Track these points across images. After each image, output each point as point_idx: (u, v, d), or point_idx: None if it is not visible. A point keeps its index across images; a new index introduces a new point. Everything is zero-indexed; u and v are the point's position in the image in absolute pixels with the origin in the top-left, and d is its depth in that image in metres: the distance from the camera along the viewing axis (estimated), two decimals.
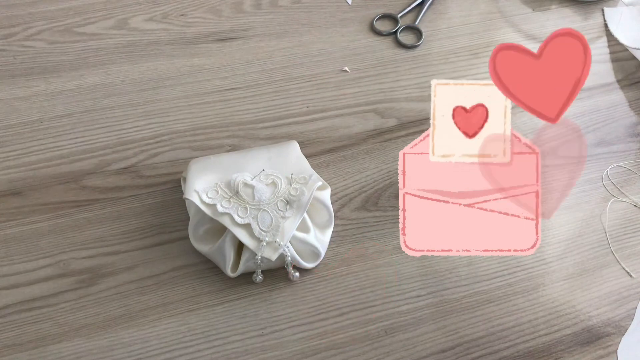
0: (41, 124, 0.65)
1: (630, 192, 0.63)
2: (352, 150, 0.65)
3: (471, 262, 0.57)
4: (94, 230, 0.58)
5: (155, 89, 0.68)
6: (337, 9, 0.77)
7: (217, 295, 0.55)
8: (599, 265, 0.58)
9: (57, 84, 0.68)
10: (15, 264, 0.55)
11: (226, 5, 0.77)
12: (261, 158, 0.56)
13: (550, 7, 0.80)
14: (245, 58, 0.72)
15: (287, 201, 0.53)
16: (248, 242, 0.52)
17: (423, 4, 0.78)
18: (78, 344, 0.52)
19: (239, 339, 0.52)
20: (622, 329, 0.54)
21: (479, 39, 0.75)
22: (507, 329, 0.54)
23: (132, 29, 0.73)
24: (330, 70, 0.71)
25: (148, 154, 0.63)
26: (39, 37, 0.72)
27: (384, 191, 0.62)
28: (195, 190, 0.53)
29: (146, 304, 0.54)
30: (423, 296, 0.55)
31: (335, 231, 0.58)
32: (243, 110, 0.67)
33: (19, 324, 0.52)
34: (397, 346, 0.53)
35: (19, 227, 0.58)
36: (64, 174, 0.61)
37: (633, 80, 0.73)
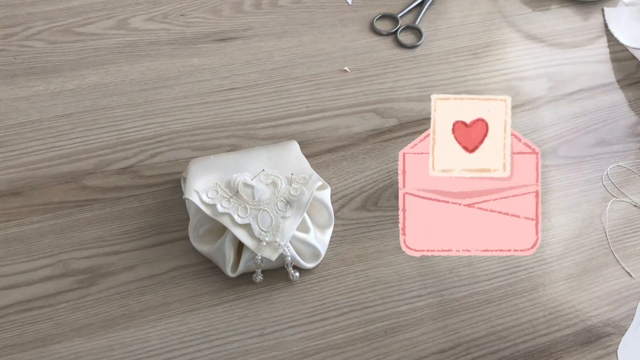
0: (41, 124, 0.65)
1: (630, 192, 0.63)
2: (352, 150, 0.65)
3: (471, 262, 0.57)
4: (94, 230, 0.58)
5: (155, 89, 0.68)
6: (337, 9, 0.77)
7: (217, 295, 0.55)
8: (599, 265, 0.58)
9: (57, 84, 0.68)
10: (15, 264, 0.55)
11: (226, 5, 0.77)
12: (261, 158, 0.56)
13: (550, 7, 0.80)
14: (245, 58, 0.72)
15: (287, 201, 0.53)
16: (248, 242, 0.52)
17: (423, 4, 0.78)
18: (78, 344, 0.52)
19: (239, 339, 0.52)
20: (622, 329, 0.54)
21: (479, 39, 0.75)
22: (507, 329, 0.54)
23: (132, 29, 0.73)
24: (330, 70, 0.71)
25: (148, 154, 0.63)
26: (39, 37, 0.72)
27: (384, 191, 0.62)
28: (195, 190, 0.53)
29: (146, 304, 0.54)
30: (423, 296, 0.55)
31: (335, 231, 0.58)
32: (243, 110, 0.67)
33: (19, 324, 0.52)
34: (397, 346, 0.53)
35: (19, 227, 0.58)
36: (64, 174, 0.61)
37: (633, 80, 0.73)
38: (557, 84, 0.71)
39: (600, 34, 0.77)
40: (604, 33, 0.77)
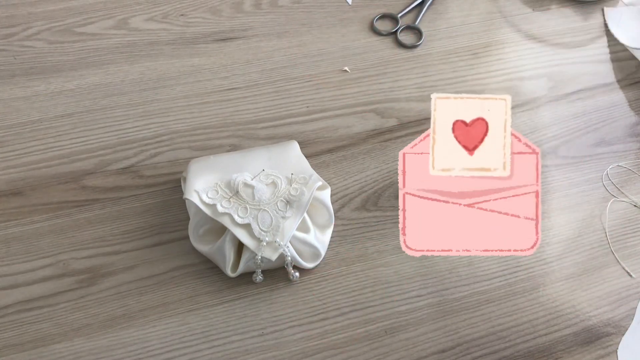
0: (41, 124, 0.65)
1: (630, 192, 0.63)
2: (352, 150, 0.65)
3: (471, 262, 0.57)
4: (94, 230, 0.58)
5: (155, 89, 0.68)
6: (337, 9, 0.77)
7: (217, 295, 0.55)
8: (599, 265, 0.58)
9: (57, 84, 0.68)
10: (15, 264, 0.55)
11: (226, 5, 0.77)
12: (261, 158, 0.56)
13: (550, 7, 0.80)
14: (245, 58, 0.72)
15: (287, 201, 0.53)
16: (248, 242, 0.52)
17: (423, 4, 0.78)
18: (78, 344, 0.52)
19: (239, 339, 0.52)
20: (622, 329, 0.54)
21: (479, 39, 0.75)
22: (507, 329, 0.54)
23: (132, 29, 0.73)
24: (330, 70, 0.71)
25: (148, 154, 0.63)
26: (39, 37, 0.72)
27: (384, 191, 0.62)
28: (195, 190, 0.53)
29: (146, 304, 0.54)
30: (423, 296, 0.55)
31: (335, 231, 0.58)
32: (243, 110, 0.67)
33: (19, 324, 0.52)
34: (397, 346, 0.53)
35: (19, 227, 0.58)
36: (64, 174, 0.61)
37: (633, 80, 0.73)
38: (557, 84, 0.71)
39: (600, 34, 0.77)
40: (604, 33, 0.77)
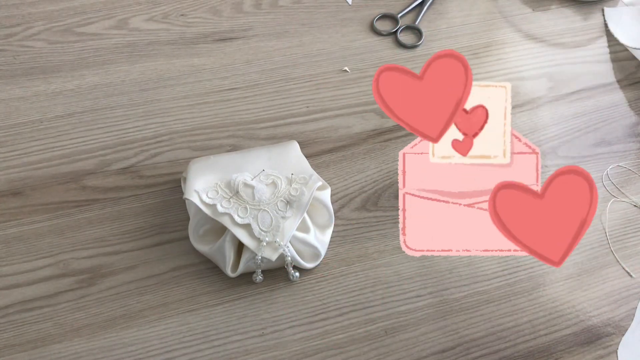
0: (41, 124, 0.65)
1: (630, 192, 0.63)
2: (352, 150, 0.65)
3: (471, 262, 0.57)
4: (94, 230, 0.58)
5: (155, 89, 0.68)
6: (337, 9, 0.77)
7: (217, 295, 0.55)
8: (599, 265, 0.58)
9: (57, 84, 0.68)
10: (15, 264, 0.55)
11: (226, 5, 0.77)
12: (261, 158, 0.56)
13: (550, 7, 0.80)
14: (245, 58, 0.72)
15: (287, 201, 0.53)
16: (248, 242, 0.52)
17: (423, 4, 0.78)
18: (78, 344, 0.52)
19: (239, 339, 0.52)
20: (622, 329, 0.54)
21: (479, 39, 0.75)
22: (507, 329, 0.54)
23: (132, 29, 0.73)
24: (330, 70, 0.71)
25: (148, 154, 0.63)
26: (39, 37, 0.72)
27: (384, 191, 0.62)
28: (195, 190, 0.53)
29: (146, 304, 0.54)
30: (423, 296, 0.55)
31: (335, 231, 0.58)
32: (243, 110, 0.67)
33: (19, 324, 0.52)
34: (397, 346, 0.53)
35: (19, 227, 0.58)
36: (64, 174, 0.61)
37: (633, 80, 0.73)
38: (557, 84, 0.71)
39: (600, 34, 0.77)
40: (604, 33, 0.77)
